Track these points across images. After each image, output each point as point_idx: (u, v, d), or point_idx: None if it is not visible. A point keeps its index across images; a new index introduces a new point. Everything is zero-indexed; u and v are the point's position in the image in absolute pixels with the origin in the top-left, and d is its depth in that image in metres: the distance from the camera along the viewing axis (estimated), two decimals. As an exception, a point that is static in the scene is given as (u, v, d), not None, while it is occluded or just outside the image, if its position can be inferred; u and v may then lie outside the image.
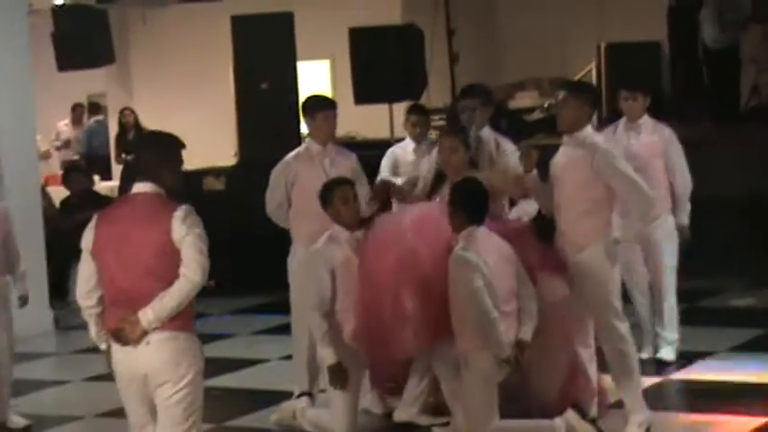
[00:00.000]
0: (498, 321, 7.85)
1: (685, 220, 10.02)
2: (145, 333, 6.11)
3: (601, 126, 11.00)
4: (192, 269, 6.17)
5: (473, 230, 8.00)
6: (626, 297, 8.52)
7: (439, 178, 9.00)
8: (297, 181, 9.33)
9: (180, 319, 6.18)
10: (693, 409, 9.36)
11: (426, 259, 8.15)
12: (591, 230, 8.17)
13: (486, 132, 9.38)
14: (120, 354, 6.23)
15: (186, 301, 6.17)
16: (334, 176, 8.88)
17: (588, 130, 8.30)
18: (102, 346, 6.43)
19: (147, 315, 6.09)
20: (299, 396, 9.22)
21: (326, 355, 8.35)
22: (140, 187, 6.36)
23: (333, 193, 8.53)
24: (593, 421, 8.21)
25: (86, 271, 6.37)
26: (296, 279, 9.31)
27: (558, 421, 8.06)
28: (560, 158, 8.34)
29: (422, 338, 8.19)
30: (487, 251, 7.95)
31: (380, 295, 8.13)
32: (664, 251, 9.99)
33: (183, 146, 6.48)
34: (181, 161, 6.62)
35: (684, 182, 9.96)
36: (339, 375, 8.35)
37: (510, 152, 9.21)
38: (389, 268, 8.15)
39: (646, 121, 10.02)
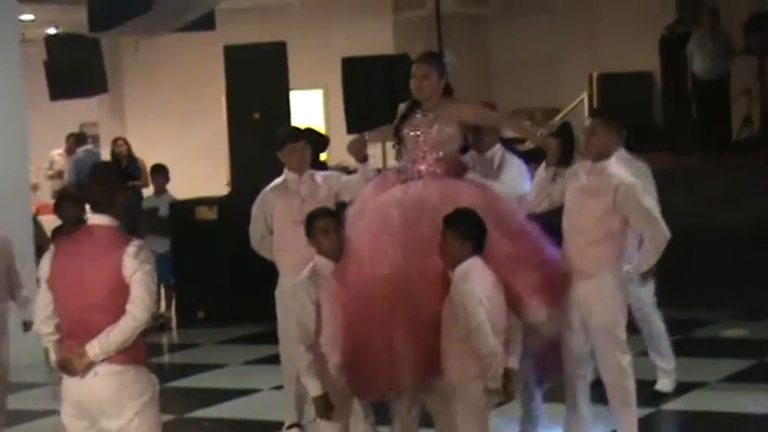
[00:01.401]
0: (500, 354, 7.85)
1: None
2: (91, 364, 6.18)
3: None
4: (139, 307, 6.20)
5: (474, 263, 7.95)
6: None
7: (412, 107, 8.80)
8: (275, 212, 9.36)
9: (128, 353, 6.23)
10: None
11: (420, 291, 8.10)
12: (601, 259, 8.13)
13: (494, 150, 9.28)
14: (69, 382, 6.30)
15: (132, 337, 6.21)
16: (313, 205, 8.87)
17: (613, 160, 8.26)
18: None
19: (93, 348, 6.16)
20: (290, 428, 9.20)
21: (312, 387, 8.33)
22: (96, 219, 6.40)
23: (313, 225, 8.53)
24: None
25: (44, 299, 6.45)
26: (281, 310, 9.33)
27: None
28: (580, 184, 8.27)
29: (415, 374, 8.16)
30: (485, 284, 7.93)
31: (370, 328, 8.09)
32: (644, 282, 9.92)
33: (134, 177, 6.56)
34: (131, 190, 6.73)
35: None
36: (325, 406, 8.34)
37: (513, 164, 9.13)
38: (380, 300, 8.11)
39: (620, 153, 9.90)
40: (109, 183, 6.52)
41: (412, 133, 8.66)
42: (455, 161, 8.67)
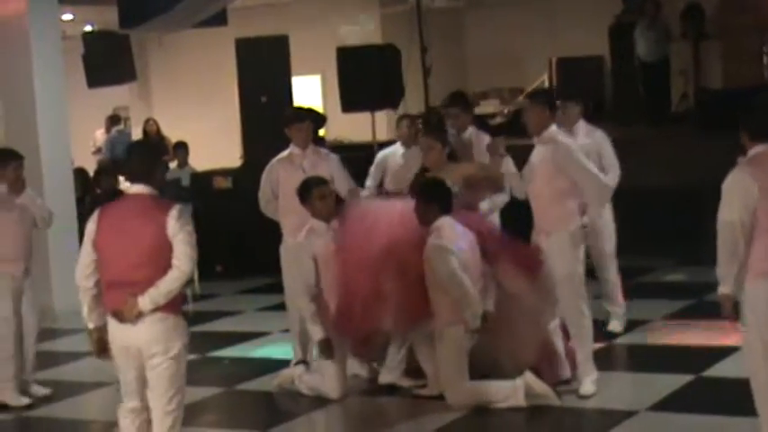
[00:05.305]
0: (476, 296, 7.90)
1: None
2: (140, 314, 6.16)
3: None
4: (184, 261, 6.18)
5: (443, 221, 8.04)
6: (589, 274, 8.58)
7: (423, 172, 8.90)
8: (280, 181, 9.34)
9: (170, 303, 6.22)
10: (634, 368, 9.43)
11: (405, 247, 8.14)
12: (557, 218, 8.12)
13: (469, 132, 9.36)
14: (117, 330, 6.28)
15: (178, 288, 6.21)
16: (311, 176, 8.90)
17: (552, 128, 8.19)
18: (90, 326, 6.47)
19: (144, 300, 6.13)
20: (297, 364, 9.23)
21: (315, 332, 8.38)
22: (137, 189, 6.37)
23: (311, 191, 8.54)
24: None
25: (87, 258, 6.39)
26: (285, 264, 9.36)
27: (518, 381, 8.09)
28: (534, 156, 8.24)
29: (400, 321, 8.21)
30: (455, 238, 7.99)
31: (361, 280, 8.13)
32: (603, 236, 9.92)
33: (166, 152, 6.48)
34: (165, 164, 6.67)
35: (614, 176, 9.65)
36: (327, 348, 8.39)
37: (483, 141, 9.18)
38: (371, 255, 8.15)
39: (580, 125, 9.80)
40: (147, 157, 6.49)
41: None
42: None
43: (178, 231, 6.20)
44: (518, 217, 8.60)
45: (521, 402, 8.03)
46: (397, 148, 10.62)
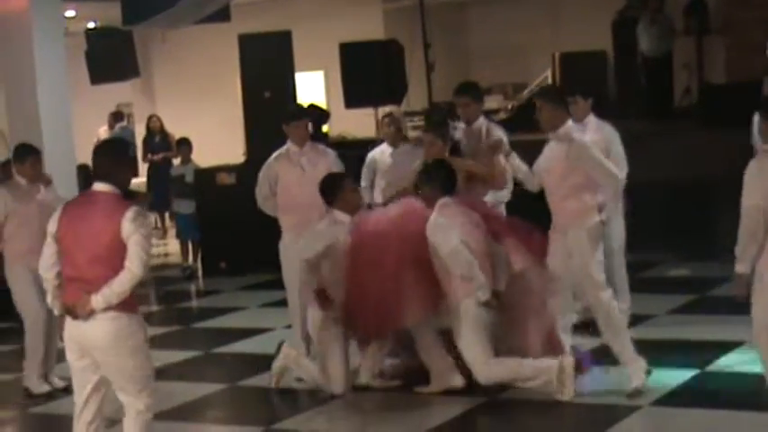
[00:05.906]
0: (477, 265, 7.91)
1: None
2: (93, 312, 6.22)
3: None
4: (135, 263, 6.21)
5: (445, 201, 8.11)
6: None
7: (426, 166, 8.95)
8: (279, 178, 9.35)
9: (123, 303, 6.27)
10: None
11: (412, 237, 8.18)
12: (573, 214, 8.09)
13: (479, 123, 9.31)
14: (71, 326, 6.37)
15: (129, 289, 6.25)
16: (312, 174, 8.92)
17: (568, 124, 8.19)
18: (56, 312, 6.60)
19: (97, 298, 6.20)
20: (279, 346, 9.14)
21: (309, 281, 8.43)
22: (99, 187, 6.41)
23: (342, 185, 8.55)
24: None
25: (49, 250, 6.50)
26: (284, 260, 9.36)
27: (554, 361, 8.01)
28: (547, 152, 8.25)
29: (420, 311, 8.20)
30: (458, 217, 8.04)
31: (377, 279, 8.14)
32: (611, 234, 9.87)
33: (130, 152, 6.50)
34: (131, 164, 6.72)
35: (622, 173, 9.71)
36: (323, 299, 8.41)
37: (496, 135, 9.12)
38: (382, 253, 8.17)
39: (591, 120, 9.73)
40: (110, 157, 6.51)
41: None
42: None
43: (132, 233, 6.22)
44: (527, 213, 8.58)
45: (552, 381, 7.97)
46: (385, 148, 10.56)
